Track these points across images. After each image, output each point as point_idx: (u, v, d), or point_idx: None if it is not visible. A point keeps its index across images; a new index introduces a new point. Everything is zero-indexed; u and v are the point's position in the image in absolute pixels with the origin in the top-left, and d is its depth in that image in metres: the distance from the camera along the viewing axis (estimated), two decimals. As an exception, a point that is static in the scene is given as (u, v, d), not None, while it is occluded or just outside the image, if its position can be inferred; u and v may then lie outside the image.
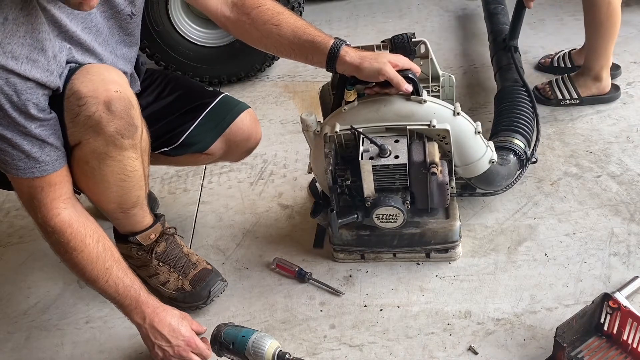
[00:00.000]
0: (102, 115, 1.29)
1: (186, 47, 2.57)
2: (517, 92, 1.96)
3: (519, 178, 1.74)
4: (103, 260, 1.38)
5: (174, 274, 1.65)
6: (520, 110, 1.87)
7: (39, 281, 1.85)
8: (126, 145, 1.36)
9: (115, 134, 1.32)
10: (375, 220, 1.56)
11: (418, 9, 3.10)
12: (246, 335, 1.38)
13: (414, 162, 1.47)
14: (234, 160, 1.89)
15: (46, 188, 1.31)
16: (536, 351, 1.41)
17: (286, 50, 1.49)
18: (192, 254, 1.70)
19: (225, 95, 1.72)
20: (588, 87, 2.14)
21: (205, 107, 1.67)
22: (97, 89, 1.27)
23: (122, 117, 1.32)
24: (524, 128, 1.80)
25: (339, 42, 1.42)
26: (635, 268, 1.57)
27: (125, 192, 1.45)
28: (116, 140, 1.33)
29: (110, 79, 1.30)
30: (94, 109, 1.28)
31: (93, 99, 1.27)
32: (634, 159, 1.92)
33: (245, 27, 1.50)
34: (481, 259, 1.67)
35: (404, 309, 1.57)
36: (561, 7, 2.90)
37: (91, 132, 1.31)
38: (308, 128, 1.57)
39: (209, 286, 1.63)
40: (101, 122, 1.29)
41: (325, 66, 1.45)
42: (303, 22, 1.48)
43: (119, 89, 1.30)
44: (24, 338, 1.67)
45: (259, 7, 1.48)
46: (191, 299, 1.63)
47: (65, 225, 1.34)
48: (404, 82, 1.41)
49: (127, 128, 1.33)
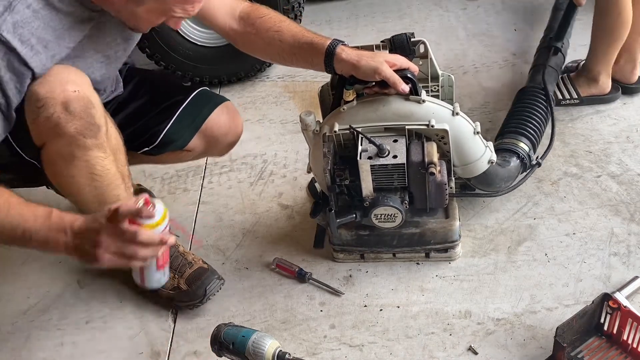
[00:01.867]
0: (61, 116, 1.28)
1: (186, 47, 2.57)
2: (535, 94, 1.94)
3: (522, 181, 1.74)
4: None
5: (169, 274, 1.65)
6: (531, 113, 1.85)
7: (39, 281, 1.84)
8: (89, 145, 1.35)
9: (77, 134, 1.31)
10: (373, 220, 1.56)
11: (418, 9, 3.10)
12: (246, 335, 1.37)
13: (412, 162, 1.47)
14: (218, 154, 1.89)
15: None
16: (536, 351, 1.41)
17: (288, 55, 1.52)
18: (188, 253, 1.69)
19: (201, 90, 1.72)
20: (587, 87, 2.14)
21: (181, 104, 1.67)
22: (54, 90, 1.27)
23: (82, 117, 1.31)
24: (531, 132, 1.78)
25: (336, 42, 1.45)
26: (635, 268, 1.57)
27: (100, 192, 1.43)
28: (78, 141, 1.33)
29: (67, 79, 1.29)
30: (52, 110, 1.27)
31: (51, 100, 1.26)
32: (634, 159, 1.92)
33: (250, 38, 1.54)
34: (481, 259, 1.67)
35: (404, 309, 1.57)
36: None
37: (52, 134, 1.31)
38: (307, 127, 1.57)
39: (205, 285, 1.62)
40: (60, 123, 1.29)
41: (324, 67, 1.47)
42: (302, 28, 1.54)
43: (77, 89, 1.29)
44: (24, 338, 1.67)
45: (263, 17, 1.54)
46: (187, 298, 1.63)
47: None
48: (401, 82, 1.41)
49: (88, 127, 1.32)
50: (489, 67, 2.53)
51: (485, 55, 2.62)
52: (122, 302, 1.73)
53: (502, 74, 2.48)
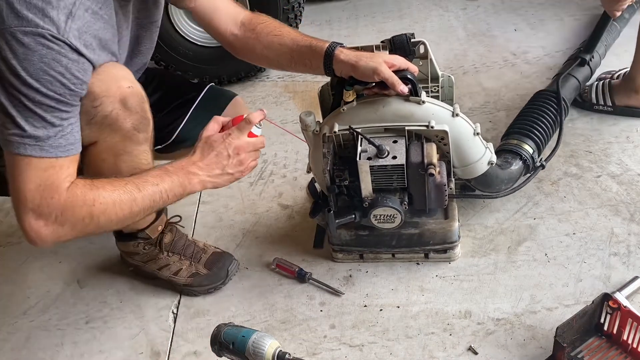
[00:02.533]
0: (119, 112, 1.30)
1: (186, 47, 2.57)
2: (546, 98, 1.91)
3: (525, 183, 1.73)
4: (125, 189, 1.28)
5: (185, 262, 1.68)
6: (539, 116, 1.83)
7: (39, 281, 1.85)
8: (141, 140, 1.38)
9: (132, 129, 1.34)
10: (372, 220, 1.56)
11: (418, 9, 3.10)
12: (246, 335, 1.37)
13: (411, 162, 1.47)
14: None
15: (65, 167, 1.22)
16: (536, 351, 1.41)
17: (286, 59, 1.54)
18: (198, 241, 1.75)
19: (211, 87, 1.75)
20: (626, 97, 2.06)
21: (193, 101, 1.70)
22: (110, 88, 1.27)
23: (137, 112, 1.33)
24: (537, 134, 1.77)
25: (335, 44, 1.47)
26: (635, 268, 1.57)
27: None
28: (133, 136, 1.35)
29: (119, 75, 1.31)
30: (110, 107, 1.28)
31: (108, 97, 1.27)
32: (634, 159, 1.92)
33: (250, 42, 1.56)
34: (481, 259, 1.67)
35: (404, 309, 1.57)
36: (561, 7, 2.90)
37: (108, 131, 1.32)
38: (307, 128, 1.57)
39: (226, 266, 1.69)
40: (118, 119, 1.31)
41: (323, 69, 1.48)
42: (302, 33, 1.56)
43: (130, 85, 1.31)
44: (24, 338, 1.67)
45: (264, 22, 1.57)
46: (208, 281, 1.67)
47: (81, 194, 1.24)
48: (400, 83, 1.41)
49: (142, 122, 1.36)
50: (489, 67, 2.53)
51: (485, 55, 2.62)
52: (122, 302, 1.73)
53: (502, 74, 2.48)
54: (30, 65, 1.10)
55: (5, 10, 1.10)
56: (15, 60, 1.10)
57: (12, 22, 1.09)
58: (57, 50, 1.12)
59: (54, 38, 1.11)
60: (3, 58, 1.10)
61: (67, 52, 1.13)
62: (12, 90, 1.12)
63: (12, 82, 1.11)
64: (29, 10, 1.09)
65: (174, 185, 1.32)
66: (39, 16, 1.10)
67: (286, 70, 1.62)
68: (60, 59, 1.13)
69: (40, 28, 1.10)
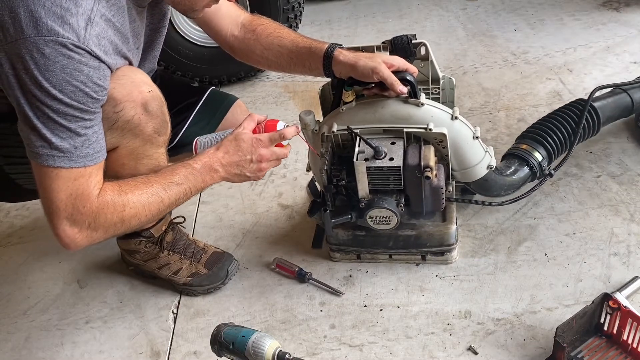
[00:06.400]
0: (141, 117, 1.31)
1: (186, 47, 2.57)
2: (573, 107, 1.81)
3: (532, 191, 1.70)
4: (152, 191, 1.31)
5: (185, 261, 1.68)
6: (558, 123, 1.76)
7: (39, 281, 1.85)
8: (161, 142, 1.40)
9: (154, 132, 1.36)
10: (368, 221, 1.55)
11: (418, 9, 3.11)
12: (246, 335, 1.37)
13: (408, 165, 1.46)
14: None
15: (94, 174, 1.24)
16: (536, 351, 1.41)
17: (286, 60, 1.55)
18: (198, 241, 1.75)
19: (212, 90, 1.76)
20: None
21: (195, 105, 1.71)
22: (131, 92, 1.28)
23: (158, 116, 1.35)
24: (550, 141, 1.72)
25: (334, 45, 1.48)
26: (635, 268, 1.57)
27: None
28: (153, 139, 1.37)
29: (139, 79, 1.31)
30: (132, 112, 1.29)
31: (129, 102, 1.28)
32: (634, 159, 1.92)
33: (250, 44, 1.58)
34: (481, 259, 1.67)
35: (404, 309, 1.57)
36: (561, 7, 2.90)
37: (130, 136, 1.33)
38: (306, 127, 1.57)
39: (226, 266, 1.69)
40: (140, 124, 1.32)
41: (322, 70, 1.48)
42: (301, 35, 1.57)
43: (150, 89, 1.32)
44: (24, 338, 1.67)
45: (264, 24, 1.59)
46: (208, 281, 1.68)
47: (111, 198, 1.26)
48: (399, 84, 1.42)
49: (162, 125, 1.37)
50: (489, 67, 2.54)
51: (485, 56, 2.63)
52: (122, 302, 1.73)
53: (502, 74, 2.48)
54: (53, 76, 1.10)
55: (24, 19, 1.08)
56: (37, 72, 1.09)
57: (31, 32, 1.08)
58: (78, 59, 1.12)
59: (74, 47, 1.11)
60: (26, 69, 1.10)
61: (87, 60, 1.13)
62: (36, 102, 1.12)
63: (35, 93, 1.11)
64: (48, 17, 1.09)
65: (197, 182, 1.36)
66: (59, 23, 1.09)
67: (286, 72, 1.62)
68: (82, 67, 1.13)
69: (61, 37, 1.09)
